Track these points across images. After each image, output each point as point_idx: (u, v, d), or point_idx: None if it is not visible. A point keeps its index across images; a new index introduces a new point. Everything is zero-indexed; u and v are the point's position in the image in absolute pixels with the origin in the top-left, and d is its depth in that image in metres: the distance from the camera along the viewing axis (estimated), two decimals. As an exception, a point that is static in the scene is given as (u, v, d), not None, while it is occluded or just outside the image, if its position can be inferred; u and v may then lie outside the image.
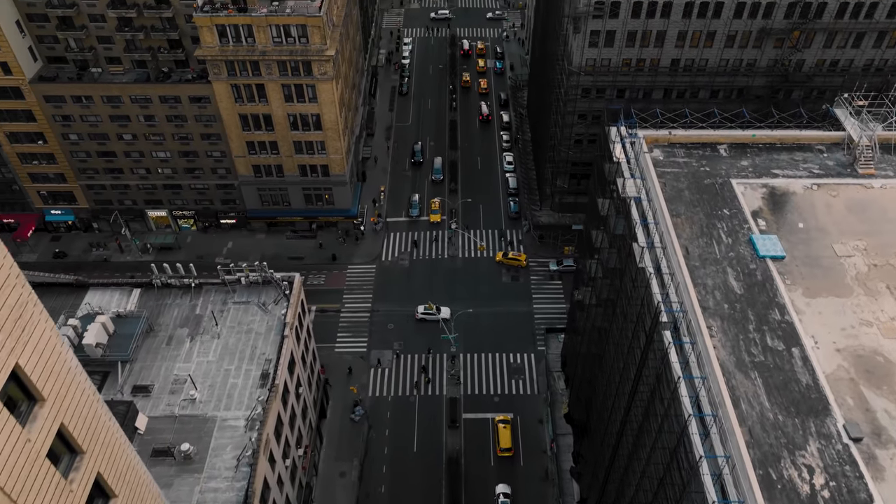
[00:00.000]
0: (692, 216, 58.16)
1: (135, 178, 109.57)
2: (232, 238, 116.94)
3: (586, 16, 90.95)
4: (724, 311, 50.89)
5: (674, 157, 64.03)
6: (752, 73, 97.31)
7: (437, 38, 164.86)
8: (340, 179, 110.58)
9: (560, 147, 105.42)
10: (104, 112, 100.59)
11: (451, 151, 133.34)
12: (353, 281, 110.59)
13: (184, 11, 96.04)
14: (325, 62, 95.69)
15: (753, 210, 58.84)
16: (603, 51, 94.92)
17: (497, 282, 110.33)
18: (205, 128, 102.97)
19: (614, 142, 63.43)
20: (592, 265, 73.60)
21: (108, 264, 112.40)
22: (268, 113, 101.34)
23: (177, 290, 76.96)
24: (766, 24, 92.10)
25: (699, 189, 60.73)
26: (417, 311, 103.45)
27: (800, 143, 65.56)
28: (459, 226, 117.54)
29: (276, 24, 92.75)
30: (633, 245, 56.20)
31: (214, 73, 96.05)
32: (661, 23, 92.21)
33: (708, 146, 65.33)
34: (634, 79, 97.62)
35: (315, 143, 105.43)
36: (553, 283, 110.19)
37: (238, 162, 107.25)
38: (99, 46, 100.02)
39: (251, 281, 76.61)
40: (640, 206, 58.33)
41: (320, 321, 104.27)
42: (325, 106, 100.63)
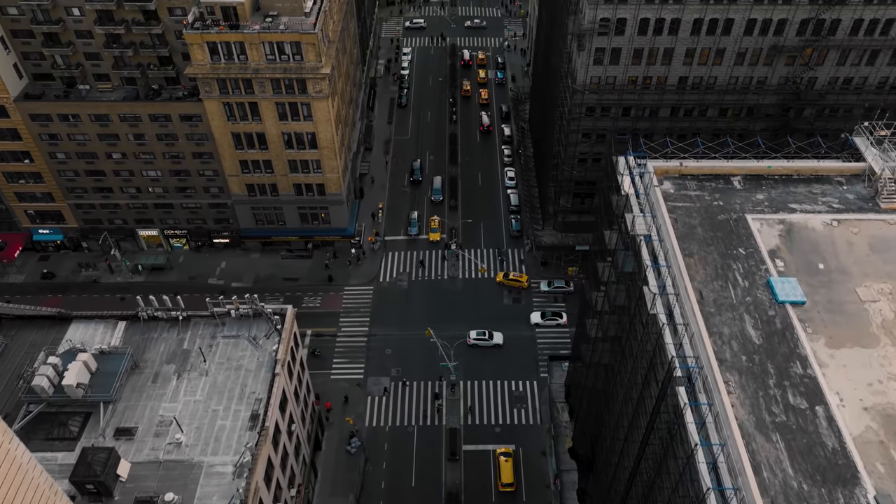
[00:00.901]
0: (706, 256, 54.81)
1: (125, 198, 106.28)
2: (225, 258, 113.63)
3: (591, 33, 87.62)
4: (741, 364, 47.54)
5: (685, 190, 60.68)
6: (762, 90, 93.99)
7: (437, 48, 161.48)
8: (337, 198, 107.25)
9: (563, 166, 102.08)
10: (92, 130, 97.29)
11: (451, 166, 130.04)
12: (350, 303, 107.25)
13: (174, 27, 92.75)
14: (320, 80, 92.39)
15: (770, 249, 55.47)
16: (608, 68, 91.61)
17: (498, 304, 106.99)
18: (196, 146, 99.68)
19: (622, 174, 60.00)
20: (598, 299, 70.20)
21: (97, 285, 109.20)
22: (261, 131, 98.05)
23: (164, 324, 73.62)
24: (777, 41, 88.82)
25: (713, 225, 57.38)
26: (469, 336, 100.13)
27: (818, 174, 62.20)
28: (459, 246, 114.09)
29: (269, 42, 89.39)
30: (643, 288, 52.81)
31: (206, 91, 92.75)
32: (668, 40, 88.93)
33: (721, 178, 61.98)
34: (641, 97, 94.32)
35: (310, 161, 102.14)
36: (556, 305, 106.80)
37: (231, 181, 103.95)
38: (86, 63, 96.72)
39: (241, 314, 73.19)
40: (650, 244, 54.93)
41: (316, 346, 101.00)
42: (320, 124, 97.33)
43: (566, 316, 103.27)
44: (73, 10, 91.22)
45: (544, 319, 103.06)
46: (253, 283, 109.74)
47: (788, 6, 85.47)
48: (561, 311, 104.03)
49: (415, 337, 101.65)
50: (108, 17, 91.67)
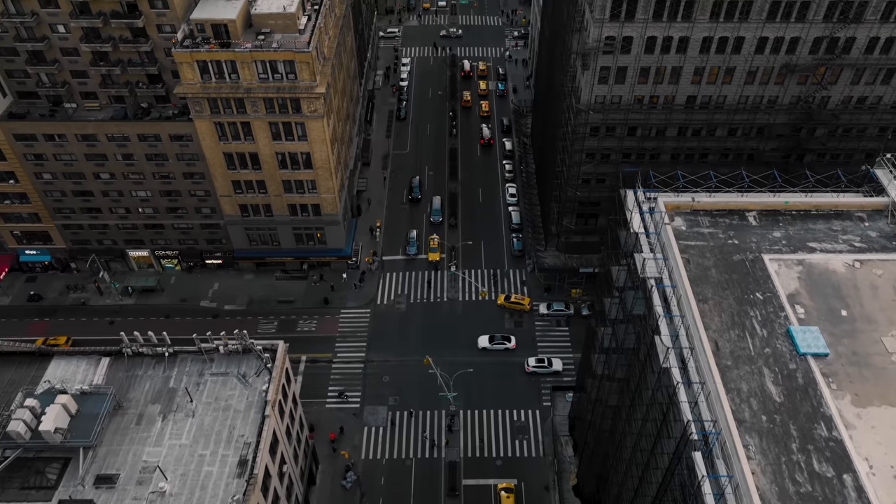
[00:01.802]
0: (721, 302, 51.45)
1: (114, 218, 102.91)
2: (218, 279, 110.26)
3: (596, 52, 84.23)
4: (762, 426, 44.17)
5: (698, 227, 57.31)
6: (773, 110, 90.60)
7: (437, 59, 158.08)
8: (333, 219, 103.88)
9: (566, 186, 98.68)
10: (79, 150, 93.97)
11: (450, 182, 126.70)
12: (346, 327, 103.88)
13: (163, 45, 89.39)
14: (314, 99, 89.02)
15: (790, 293, 52.12)
16: (613, 87, 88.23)
17: (499, 328, 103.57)
18: (187, 166, 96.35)
19: (631, 210, 56.59)
20: (605, 335, 66.81)
21: (85, 308, 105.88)
22: (254, 151, 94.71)
23: (149, 360, 70.33)
24: (789, 59, 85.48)
25: (728, 267, 54.00)
26: (528, 363, 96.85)
27: (837, 209, 58.84)
28: (459, 269, 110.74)
29: (261, 60, 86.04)
30: (655, 338, 49.41)
31: (196, 110, 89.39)
32: (676, 59, 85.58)
33: (735, 213, 58.63)
34: (647, 116, 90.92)
35: (305, 182, 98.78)
36: (559, 329, 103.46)
37: (223, 201, 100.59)
38: (73, 81, 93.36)
39: (231, 349, 69.83)
40: (662, 290, 51.54)
41: (311, 373, 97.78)
42: (315, 144, 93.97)
43: (515, 340, 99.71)
44: (59, 28, 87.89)
45: (492, 343, 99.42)
46: (247, 305, 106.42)
47: (802, 24, 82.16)
48: (510, 336, 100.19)
49: (413, 363, 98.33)
50: (94, 34, 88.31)
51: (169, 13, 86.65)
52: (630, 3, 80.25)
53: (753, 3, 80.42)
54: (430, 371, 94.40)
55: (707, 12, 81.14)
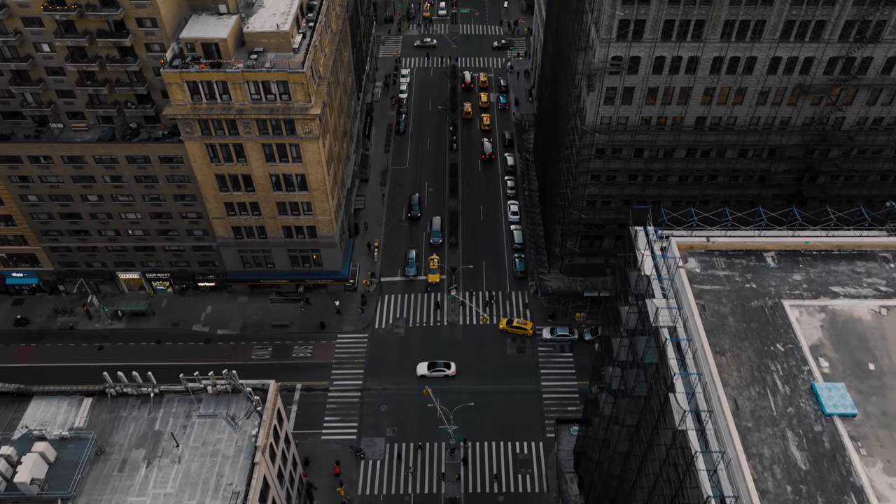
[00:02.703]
0: (740, 354, 48.05)
1: (103, 240, 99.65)
2: (211, 301, 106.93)
3: (602, 72, 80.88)
4: (786, 497, 40.81)
5: (713, 269, 53.90)
6: (785, 131, 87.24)
7: (437, 69, 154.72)
8: (329, 241, 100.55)
9: (571, 208, 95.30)
10: (65, 173, 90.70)
11: (451, 199, 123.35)
12: (343, 353, 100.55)
13: (152, 64, 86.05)
14: (309, 121, 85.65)
15: (813, 344, 48.72)
16: (620, 108, 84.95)
17: (501, 354, 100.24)
18: (178, 188, 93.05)
19: (643, 253, 53.17)
20: (615, 376, 63.40)
21: (74, 332, 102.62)
22: (247, 173, 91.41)
23: (134, 400, 66.96)
24: (803, 80, 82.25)
25: (746, 314, 50.60)
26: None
27: (861, 249, 55.40)
28: (459, 292, 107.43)
29: (254, 81, 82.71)
30: (669, 396, 46.02)
31: (187, 132, 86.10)
32: (685, 79, 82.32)
33: (752, 254, 55.21)
34: (655, 137, 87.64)
35: (300, 203, 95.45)
36: (563, 356, 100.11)
37: (216, 223, 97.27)
38: (59, 101, 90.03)
39: (219, 390, 66.46)
40: (676, 344, 48.13)
41: (305, 402, 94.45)
42: (310, 166, 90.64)
43: (454, 367, 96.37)
44: (43, 47, 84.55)
45: (431, 371, 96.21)
46: (240, 329, 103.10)
47: (817, 44, 78.84)
48: (449, 363, 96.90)
49: (412, 391, 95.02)
50: (80, 53, 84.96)
51: (158, 32, 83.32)
52: (638, 23, 77.02)
53: (766, 22, 77.16)
54: (430, 406, 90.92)
55: (718, 32, 77.92)
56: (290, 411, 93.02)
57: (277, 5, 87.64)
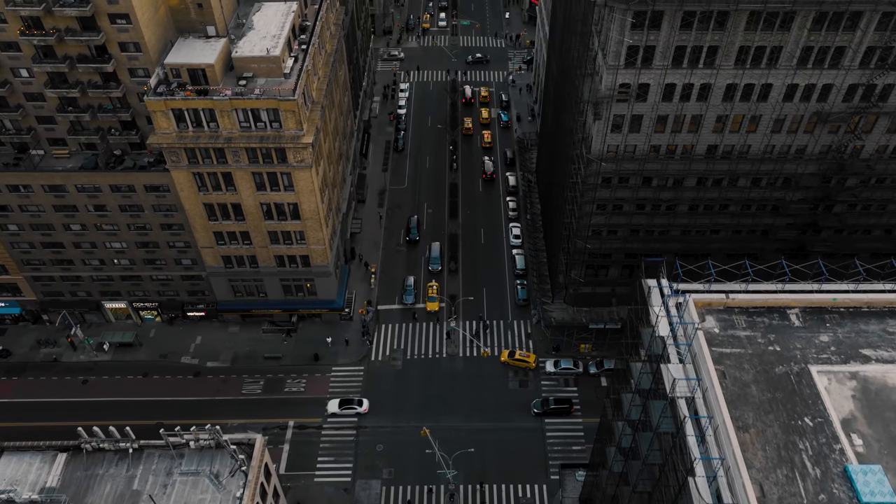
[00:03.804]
0: (764, 430, 43.84)
1: (88, 270, 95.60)
2: (201, 331, 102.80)
3: (609, 100, 76.75)
4: None
5: (733, 329, 49.68)
6: (801, 159, 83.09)
7: (437, 83, 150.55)
8: (323, 270, 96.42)
9: (575, 238, 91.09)
10: (46, 202, 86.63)
11: (451, 222, 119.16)
12: (338, 387, 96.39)
13: (136, 90, 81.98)
14: (301, 149, 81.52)
15: (844, 418, 44.51)
16: (628, 136, 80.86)
17: (502, 388, 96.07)
18: (164, 218, 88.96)
19: (658, 315, 48.92)
20: (625, 434, 59.19)
21: (57, 365, 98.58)
22: (237, 202, 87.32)
23: (111, 456, 62.80)
24: (821, 107, 78.12)
25: (770, 382, 46.39)
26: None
27: (893, 306, 51.11)
28: (459, 321, 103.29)
29: (242, 109, 78.57)
30: (689, 480, 41.81)
31: (173, 160, 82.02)
32: (697, 107, 78.24)
33: (775, 311, 50.99)
34: (665, 166, 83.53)
35: (293, 232, 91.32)
36: (567, 390, 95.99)
37: (205, 252, 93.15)
38: (39, 127, 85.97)
39: (202, 445, 62.30)
40: (696, 422, 43.93)
41: (298, 440, 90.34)
42: (303, 195, 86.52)
43: (367, 404, 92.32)
44: (21, 72, 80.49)
45: (342, 408, 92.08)
46: (231, 362, 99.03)
47: (836, 71, 74.74)
48: (361, 400, 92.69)
49: (409, 429, 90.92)
50: (60, 78, 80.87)
51: (142, 56, 79.21)
52: (647, 50, 72.85)
53: (783, 48, 73.03)
54: (428, 452, 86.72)
55: (732, 58, 73.88)
56: (281, 450, 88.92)
57: (268, 27, 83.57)
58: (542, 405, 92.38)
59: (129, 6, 74.64)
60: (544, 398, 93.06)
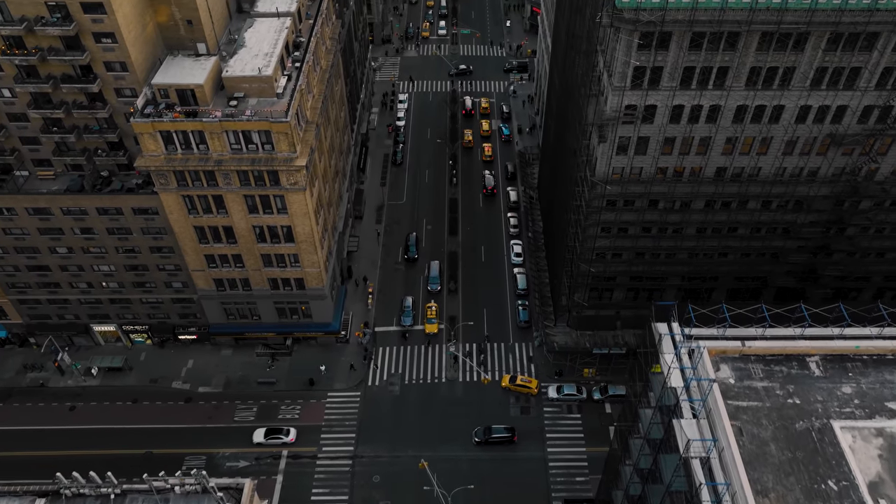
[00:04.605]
0: (785, 495, 40.81)
1: (75, 293, 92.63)
2: (193, 354, 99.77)
3: (615, 122, 73.69)
4: None
5: (749, 380, 46.63)
6: (813, 182, 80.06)
7: (437, 94, 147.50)
8: (319, 293, 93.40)
9: (579, 261, 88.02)
10: (31, 225, 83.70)
11: (450, 239, 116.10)
12: (333, 414, 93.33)
13: (123, 110, 78.94)
14: (295, 171, 78.50)
15: (871, 481, 41.49)
16: (634, 159, 77.81)
17: (503, 415, 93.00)
18: (154, 241, 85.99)
19: (671, 366, 45.84)
20: (633, 482, 56.15)
21: (44, 390, 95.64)
22: (228, 225, 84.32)
23: (92, 501, 59.59)
24: (834, 129, 75.07)
25: (790, 440, 43.33)
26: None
27: (920, 354, 48.06)
28: (459, 344, 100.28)
29: (233, 130, 75.54)
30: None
31: (161, 183, 79.03)
32: (706, 128, 75.23)
33: (794, 359, 47.96)
34: (672, 188, 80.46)
35: (287, 255, 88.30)
36: (570, 417, 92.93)
37: (196, 275, 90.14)
38: (23, 148, 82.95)
39: (187, 490, 59.20)
40: (711, 481, 40.87)
41: (292, 471, 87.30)
42: (296, 217, 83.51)
43: (294, 433, 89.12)
44: (3, 92, 77.43)
45: (267, 438, 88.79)
46: (223, 387, 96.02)
47: (851, 92, 71.70)
48: (288, 429, 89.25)
49: (407, 459, 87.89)
50: (44, 99, 77.86)
51: (128, 76, 76.17)
52: (655, 71, 69.83)
53: (796, 69, 69.99)
54: (427, 484, 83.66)
55: (743, 79, 70.88)
56: (274, 482, 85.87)
57: (261, 45, 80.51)
58: (484, 433, 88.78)
59: (115, 25, 71.56)
60: (486, 426, 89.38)
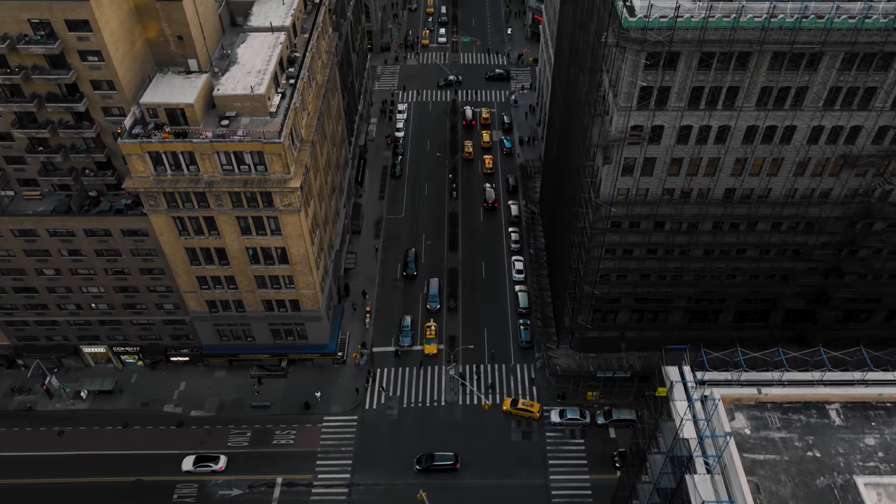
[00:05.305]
0: (807, 560, 38.01)
1: (64, 314, 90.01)
2: (186, 376, 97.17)
3: (620, 143, 71.04)
4: None
5: (766, 430, 43.96)
6: (825, 203, 77.40)
7: (436, 103, 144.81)
8: (314, 315, 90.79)
9: (582, 283, 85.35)
10: (17, 246, 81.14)
11: (450, 255, 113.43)
12: (329, 439, 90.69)
13: (111, 129, 76.36)
14: (289, 193, 75.86)
15: (899, 545, 38.64)
16: (640, 180, 75.15)
17: (505, 441, 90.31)
18: (144, 262, 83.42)
19: (683, 417, 43.14)
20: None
21: (32, 414, 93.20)
22: (221, 247, 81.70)
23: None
24: (848, 150, 72.45)
25: (810, 499, 40.71)
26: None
27: (947, 401, 45.35)
28: (458, 365, 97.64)
29: (224, 151, 72.91)
30: None
31: (150, 204, 76.45)
32: (715, 149, 72.66)
33: (813, 407, 45.24)
34: (679, 210, 77.84)
35: (281, 277, 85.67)
36: (573, 442, 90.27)
37: (188, 297, 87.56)
38: (8, 168, 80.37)
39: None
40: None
41: (287, 500, 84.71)
42: (291, 239, 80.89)
43: (224, 460, 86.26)
44: (-13, 111, 74.93)
45: (196, 466, 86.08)
46: (216, 411, 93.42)
47: (866, 112, 69.05)
48: (218, 456, 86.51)
49: (405, 487, 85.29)
50: (29, 118, 75.26)
51: (116, 95, 73.58)
52: (662, 91, 67.18)
53: (809, 89, 67.37)
54: None
55: (753, 100, 68.24)
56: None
57: (253, 62, 77.85)
58: (425, 461, 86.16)
59: (101, 42, 68.92)
60: (428, 453, 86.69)
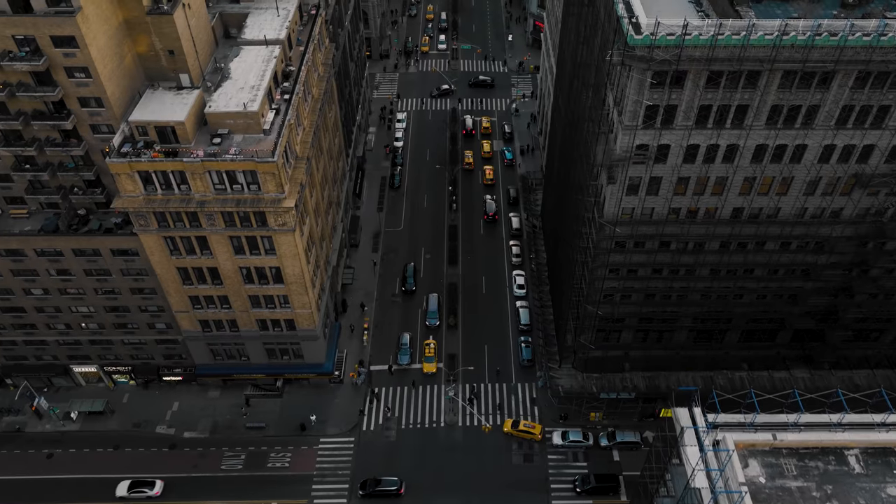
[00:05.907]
0: None
1: (53, 334, 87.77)
2: (179, 396, 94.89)
3: (625, 162, 68.72)
4: None
5: (782, 478, 41.59)
6: (836, 222, 75.06)
7: (435, 112, 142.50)
8: (310, 334, 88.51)
9: (586, 303, 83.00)
10: (3, 266, 78.99)
11: (450, 269, 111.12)
12: (326, 462, 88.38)
13: (100, 147, 74.13)
14: (283, 212, 73.56)
15: None
16: (645, 199, 72.84)
17: (506, 464, 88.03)
18: (134, 282, 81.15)
19: (695, 466, 40.77)
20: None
21: (21, 436, 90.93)
22: (213, 266, 79.43)
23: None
24: (860, 169, 70.15)
25: (830, 555, 38.23)
26: None
27: (972, 447, 42.95)
28: (458, 384, 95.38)
29: (216, 170, 70.61)
30: None
31: (141, 224, 74.15)
32: (723, 168, 70.32)
33: (831, 453, 42.85)
34: (686, 229, 75.55)
35: (276, 296, 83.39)
36: (576, 465, 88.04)
37: (180, 317, 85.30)
38: (-6, 186, 78.17)
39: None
40: None
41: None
42: (285, 259, 78.61)
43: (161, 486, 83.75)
44: (-29, 130, 72.68)
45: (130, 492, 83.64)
46: (210, 432, 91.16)
47: (879, 131, 66.74)
48: (154, 481, 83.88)
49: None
50: (15, 136, 73.03)
51: (105, 112, 71.31)
52: (668, 110, 64.89)
53: (820, 108, 65.05)
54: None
55: (763, 118, 65.90)
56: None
57: (247, 77, 75.59)
58: (368, 486, 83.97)
59: (88, 59, 66.64)
60: (374, 478, 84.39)
